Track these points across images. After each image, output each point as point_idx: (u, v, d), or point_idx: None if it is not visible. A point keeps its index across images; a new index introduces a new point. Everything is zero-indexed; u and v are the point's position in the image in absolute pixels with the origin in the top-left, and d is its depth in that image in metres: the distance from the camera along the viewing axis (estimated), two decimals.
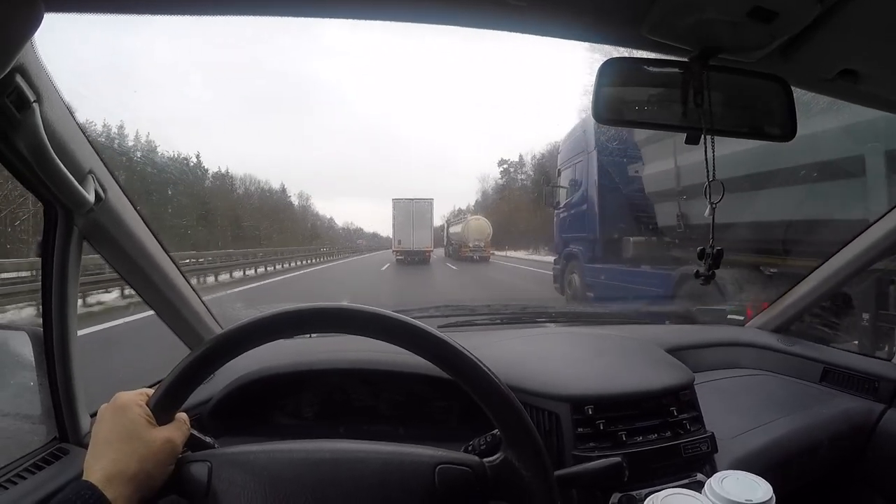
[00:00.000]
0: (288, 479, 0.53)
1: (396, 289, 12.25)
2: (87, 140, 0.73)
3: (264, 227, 42.22)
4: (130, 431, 0.52)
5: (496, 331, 1.47)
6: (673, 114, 0.64)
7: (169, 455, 0.54)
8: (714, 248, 0.67)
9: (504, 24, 0.60)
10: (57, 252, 0.76)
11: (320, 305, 0.56)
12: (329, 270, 19.16)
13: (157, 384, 0.58)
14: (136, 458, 0.51)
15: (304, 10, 0.61)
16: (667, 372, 0.96)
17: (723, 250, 0.66)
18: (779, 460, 0.97)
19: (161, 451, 0.53)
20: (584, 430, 0.83)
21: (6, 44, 0.51)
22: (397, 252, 24.10)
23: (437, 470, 0.54)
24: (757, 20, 0.54)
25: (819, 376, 1.25)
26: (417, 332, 0.55)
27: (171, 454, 0.54)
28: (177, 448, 0.55)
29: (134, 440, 0.52)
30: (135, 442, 0.52)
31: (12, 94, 0.57)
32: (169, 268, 0.95)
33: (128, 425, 0.52)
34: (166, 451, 0.53)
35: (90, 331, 5.11)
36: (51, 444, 0.83)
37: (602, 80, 0.62)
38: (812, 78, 0.70)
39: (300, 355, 1.02)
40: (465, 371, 0.55)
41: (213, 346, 0.56)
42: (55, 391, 0.81)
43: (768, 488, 0.64)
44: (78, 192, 0.70)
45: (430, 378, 0.91)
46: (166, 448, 0.53)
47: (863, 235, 1.24)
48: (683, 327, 1.61)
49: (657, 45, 0.62)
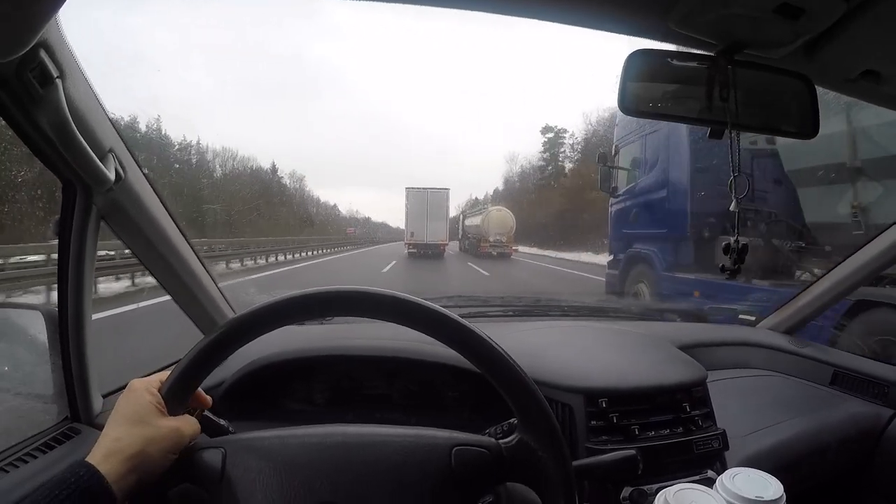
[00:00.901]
0: (303, 463, 0.53)
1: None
2: (108, 119, 0.73)
3: (235, 212, 35.56)
4: (140, 415, 0.52)
5: (509, 322, 1.46)
6: (697, 107, 0.64)
7: (173, 444, 0.53)
8: (739, 243, 0.67)
9: (529, 11, 0.60)
10: (75, 231, 0.76)
11: (339, 288, 0.56)
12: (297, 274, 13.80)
13: (171, 365, 0.58)
14: (139, 440, 0.50)
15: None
16: (680, 368, 0.96)
17: (748, 245, 0.66)
18: (788, 461, 0.97)
19: (166, 437, 0.52)
20: (597, 422, 0.83)
21: (32, 18, 0.50)
22: (409, 244, 22.81)
23: (453, 451, 0.54)
24: (783, 17, 0.54)
25: (829, 379, 1.25)
26: (436, 316, 0.55)
27: (176, 443, 0.53)
28: (183, 439, 0.54)
29: (141, 423, 0.52)
30: (141, 425, 0.51)
31: (35, 70, 0.57)
32: (185, 250, 0.95)
33: (137, 409, 0.53)
34: (172, 439, 0.53)
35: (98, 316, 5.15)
36: (62, 423, 0.84)
37: (628, 72, 0.62)
38: (834, 77, 0.70)
39: (311, 342, 1.02)
40: (481, 353, 0.55)
41: (228, 330, 0.56)
42: (68, 371, 0.82)
43: (779, 486, 0.64)
44: (99, 170, 0.70)
45: (443, 366, 0.91)
46: (172, 436, 0.53)
47: (878, 238, 1.24)
48: (695, 325, 1.60)
49: (683, 38, 0.61)
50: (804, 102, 0.67)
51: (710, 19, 0.57)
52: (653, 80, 0.64)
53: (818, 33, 0.58)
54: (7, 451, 0.74)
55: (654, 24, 0.60)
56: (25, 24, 0.50)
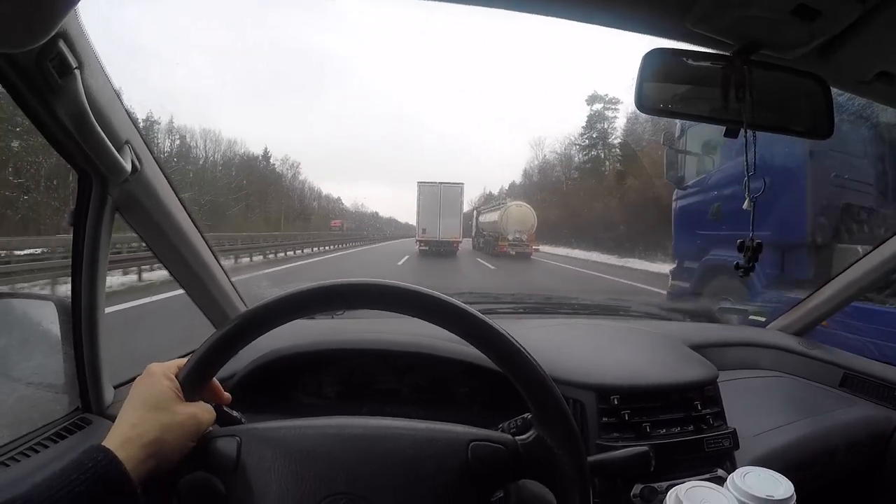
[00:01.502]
0: (319, 454, 0.53)
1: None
2: (125, 110, 0.74)
3: (206, 201, 32.42)
4: (158, 401, 0.52)
5: (520, 319, 1.46)
6: (713, 107, 0.64)
7: (191, 431, 0.53)
8: (754, 241, 0.67)
9: (549, 10, 0.60)
10: (90, 222, 0.76)
11: (357, 281, 0.56)
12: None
13: (188, 355, 0.58)
14: (158, 426, 0.50)
15: None
16: (691, 366, 0.96)
17: (762, 243, 0.66)
18: (797, 462, 0.97)
19: (184, 424, 0.52)
20: (609, 419, 0.83)
21: (52, 8, 0.51)
22: (421, 241, 21.30)
23: (470, 447, 0.54)
24: (800, 18, 0.54)
25: (839, 381, 1.25)
26: (455, 310, 0.55)
27: (193, 430, 0.54)
28: (201, 426, 0.55)
29: (159, 410, 0.52)
30: (159, 411, 0.51)
31: (55, 60, 0.58)
32: (199, 243, 0.95)
33: (156, 395, 0.52)
34: (189, 426, 0.53)
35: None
36: (73, 413, 0.84)
37: (645, 70, 0.62)
38: (849, 78, 0.70)
39: (323, 335, 1.02)
40: (501, 349, 0.55)
41: (242, 323, 0.56)
42: (80, 361, 0.82)
43: (790, 486, 0.64)
44: (116, 161, 0.71)
45: (455, 362, 0.92)
46: (190, 423, 0.53)
47: (890, 241, 1.23)
48: (706, 325, 1.60)
49: (700, 37, 0.62)
50: (819, 103, 0.67)
51: (728, 20, 0.58)
52: (669, 80, 0.64)
53: (833, 35, 0.58)
54: (18, 440, 0.74)
55: (671, 24, 0.60)
56: (46, 14, 0.51)
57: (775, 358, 1.34)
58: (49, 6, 0.50)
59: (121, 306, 5.64)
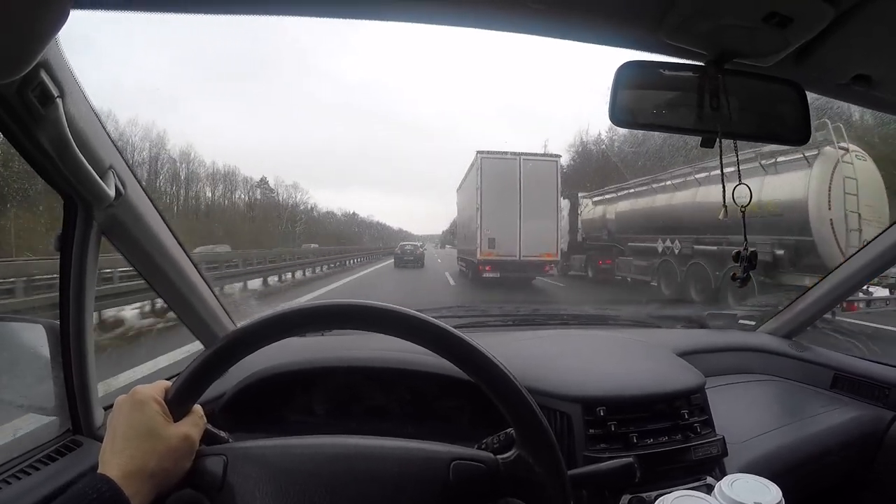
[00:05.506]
0: (303, 473, 0.54)
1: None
2: (108, 136, 0.74)
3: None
4: (149, 428, 0.52)
5: (508, 332, 1.47)
6: (688, 117, 0.64)
7: (187, 452, 0.54)
8: (748, 251, 0.67)
9: (523, 27, 0.60)
10: (76, 246, 0.77)
11: (339, 302, 0.57)
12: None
13: (174, 377, 0.58)
14: (155, 456, 0.51)
15: (309, 9, 0.60)
16: (678, 375, 0.96)
17: (756, 252, 0.66)
18: (788, 466, 0.97)
19: (179, 448, 0.53)
20: (596, 431, 0.83)
21: (32, 39, 0.51)
22: (483, 263, 11.42)
23: (451, 466, 0.55)
24: (772, 25, 0.55)
25: (829, 382, 1.25)
26: (435, 330, 0.56)
27: (188, 451, 0.54)
28: (194, 444, 0.55)
29: (153, 437, 0.52)
30: (153, 439, 0.52)
31: (36, 89, 0.58)
32: (185, 264, 0.95)
33: (146, 422, 0.53)
34: (184, 448, 0.54)
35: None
36: (64, 435, 0.84)
37: (619, 83, 0.62)
38: (826, 83, 0.71)
39: (311, 353, 1.02)
40: (480, 367, 0.56)
41: (232, 342, 0.57)
42: (70, 383, 0.82)
43: (778, 492, 0.64)
44: (99, 187, 0.71)
45: (442, 377, 0.92)
46: (184, 445, 0.54)
47: (876, 241, 1.24)
48: (694, 331, 1.60)
49: (674, 49, 0.62)
50: (796, 109, 0.67)
51: (701, 30, 0.58)
52: (644, 91, 0.65)
53: (808, 40, 0.58)
54: (9, 462, 0.74)
55: (645, 37, 0.61)
56: (26, 46, 0.51)
57: (765, 361, 1.35)
58: (29, 38, 0.51)
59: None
